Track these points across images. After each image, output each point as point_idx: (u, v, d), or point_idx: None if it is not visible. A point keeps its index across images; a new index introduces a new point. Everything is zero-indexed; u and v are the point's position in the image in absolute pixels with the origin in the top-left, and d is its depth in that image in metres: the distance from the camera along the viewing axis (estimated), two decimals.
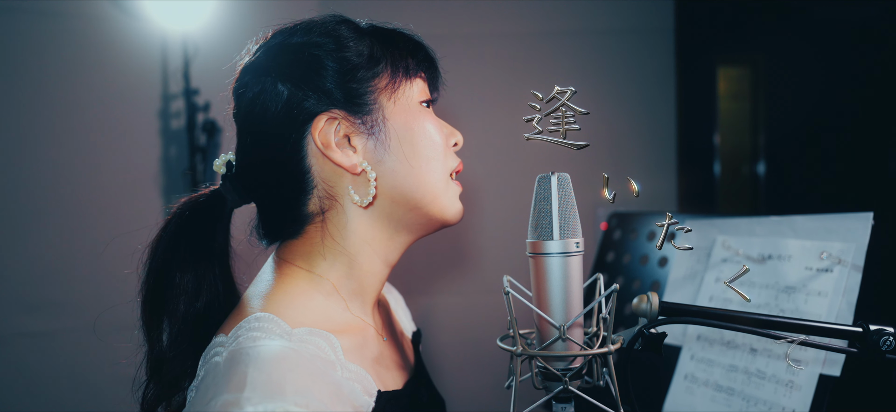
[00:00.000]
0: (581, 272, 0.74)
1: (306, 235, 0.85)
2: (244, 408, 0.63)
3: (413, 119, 0.84)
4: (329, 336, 0.78)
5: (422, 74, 0.88)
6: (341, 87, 0.81)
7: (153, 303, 0.82)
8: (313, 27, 0.84)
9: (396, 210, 0.85)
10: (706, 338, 1.13)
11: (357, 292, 0.87)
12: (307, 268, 0.85)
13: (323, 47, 0.82)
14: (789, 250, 1.08)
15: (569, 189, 0.74)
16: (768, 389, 1.01)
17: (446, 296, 2.45)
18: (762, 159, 3.47)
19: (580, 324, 0.75)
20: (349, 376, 0.77)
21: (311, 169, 0.83)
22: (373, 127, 0.82)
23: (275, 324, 0.75)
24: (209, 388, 0.69)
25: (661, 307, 0.75)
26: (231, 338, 0.74)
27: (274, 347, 0.71)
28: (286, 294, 0.81)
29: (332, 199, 0.84)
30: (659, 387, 1.14)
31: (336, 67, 0.81)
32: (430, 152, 0.84)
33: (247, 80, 0.84)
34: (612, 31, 2.46)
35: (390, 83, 0.84)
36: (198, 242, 0.84)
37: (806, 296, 1.03)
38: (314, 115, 0.80)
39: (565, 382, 0.72)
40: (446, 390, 1.16)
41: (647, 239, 1.32)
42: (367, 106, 0.82)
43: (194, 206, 0.86)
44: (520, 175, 2.38)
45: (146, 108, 2.31)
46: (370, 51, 0.83)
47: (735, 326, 0.75)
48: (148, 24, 2.23)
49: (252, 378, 0.66)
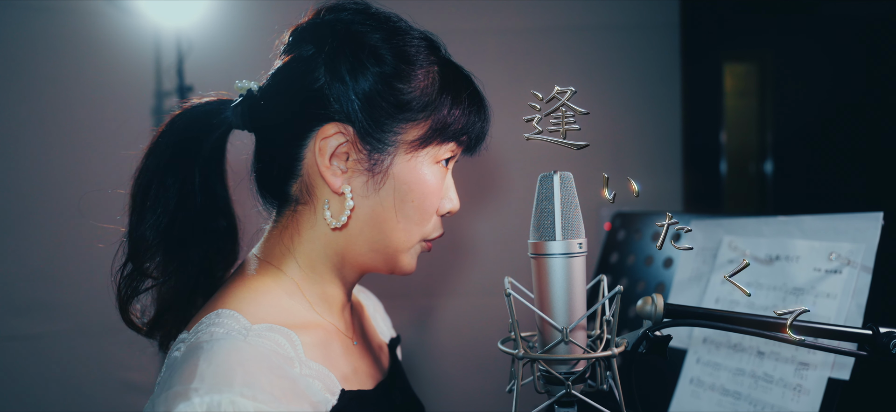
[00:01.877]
0: (584, 273, 0.74)
1: (280, 224, 0.88)
2: (191, 398, 0.66)
3: (416, 180, 0.83)
4: (289, 332, 0.79)
5: (462, 139, 0.86)
6: (370, 114, 0.80)
7: (137, 190, 0.87)
8: (393, 38, 0.82)
9: (360, 244, 0.86)
10: (712, 341, 1.13)
11: (321, 297, 0.89)
12: (277, 265, 0.87)
13: (382, 64, 0.80)
14: (797, 251, 1.08)
15: (571, 188, 0.74)
16: (776, 393, 1.01)
17: (446, 297, 2.45)
18: (769, 158, 3.46)
19: (583, 326, 0.75)
20: (308, 373, 0.78)
21: (303, 158, 0.84)
22: (375, 165, 0.82)
23: (234, 319, 0.77)
24: (165, 381, 0.72)
25: (665, 309, 0.75)
26: (192, 333, 0.77)
27: (227, 341, 0.73)
28: (251, 291, 0.83)
29: (309, 196, 0.85)
30: (664, 391, 1.14)
31: (380, 92, 0.80)
32: (416, 216, 0.85)
33: (307, 37, 0.84)
34: (616, 26, 2.46)
35: (417, 141, 0.82)
36: (185, 145, 0.87)
37: (814, 297, 1.02)
38: (330, 120, 0.80)
39: (568, 386, 0.72)
40: (445, 394, 1.16)
41: (651, 239, 1.32)
42: (383, 144, 0.81)
43: (192, 111, 0.89)
44: (521, 174, 2.38)
45: (139, 106, 2.30)
46: (426, 91, 0.81)
47: (742, 329, 0.75)
48: (141, 20, 2.23)
49: (202, 369, 0.69)
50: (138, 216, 0.86)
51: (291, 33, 0.87)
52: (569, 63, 2.44)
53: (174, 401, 0.67)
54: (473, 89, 0.87)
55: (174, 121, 0.88)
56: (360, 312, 1.07)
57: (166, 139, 0.87)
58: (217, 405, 0.66)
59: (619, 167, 2.37)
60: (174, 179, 0.86)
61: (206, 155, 0.88)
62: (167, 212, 0.86)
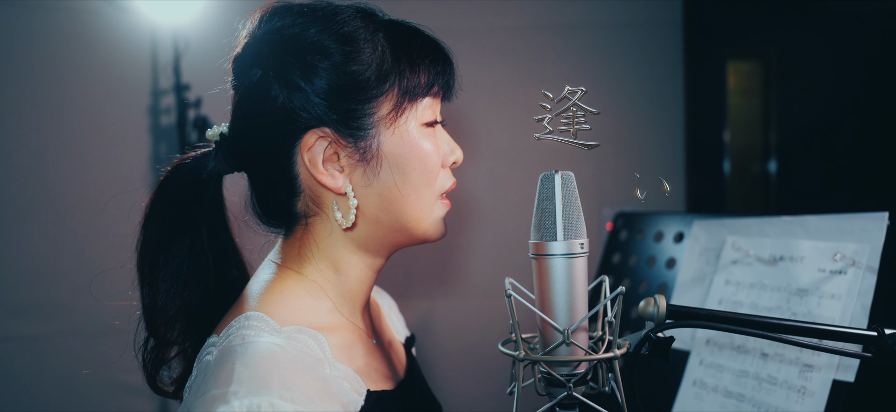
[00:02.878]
0: (586, 274, 0.74)
1: (295, 237, 0.88)
2: (230, 402, 0.66)
3: (410, 147, 0.83)
4: (317, 334, 0.80)
5: (433, 90, 0.85)
6: (338, 108, 0.80)
7: (144, 263, 0.87)
8: (329, 25, 0.81)
9: (379, 230, 0.86)
10: (715, 343, 1.13)
11: (345, 295, 0.89)
12: (297, 269, 0.87)
13: (330, 56, 0.80)
14: (801, 251, 1.08)
15: (573, 188, 0.74)
16: (780, 395, 1.01)
17: (446, 299, 2.45)
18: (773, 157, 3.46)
19: (585, 327, 0.75)
20: (338, 374, 0.79)
21: (299, 175, 0.84)
22: (365, 152, 0.82)
23: (264, 322, 0.78)
24: (200, 386, 0.73)
25: (668, 310, 0.75)
26: (223, 337, 0.78)
27: (261, 344, 0.73)
28: (276, 294, 0.83)
29: (317, 207, 0.86)
30: (667, 393, 1.14)
31: (337, 84, 0.79)
32: (422, 180, 0.85)
33: (248, 63, 0.83)
34: (618, 24, 2.46)
35: (393, 111, 0.82)
36: (184, 205, 0.87)
37: (819, 298, 1.02)
38: (306, 130, 0.80)
39: (569, 388, 0.72)
40: (446, 396, 1.16)
41: (654, 240, 1.32)
42: (363, 130, 0.81)
43: (181, 169, 0.89)
44: (522, 173, 2.38)
45: (135, 105, 2.30)
46: (380, 62, 0.81)
47: (745, 330, 0.75)
48: (137, 18, 2.23)
49: (239, 373, 0.69)
50: (150, 288, 0.87)
51: (233, 66, 0.86)
52: (570, 61, 2.44)
53: (213, 404, 0.67)
54: (424, 38, 0.86)
55: (164, 185, 0.88)
56: (377, 312, 1.08)
57: (163, 205, 0.88)
58: (257, 407, 0.66)
59: (621, 166, 2.37)
60: (180, 245, 0.87)
61: (208, 209, 0.89)
62: (180, 277, 0.87)
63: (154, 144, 2.32)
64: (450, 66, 0.87)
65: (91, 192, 2.19)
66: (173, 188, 0.88)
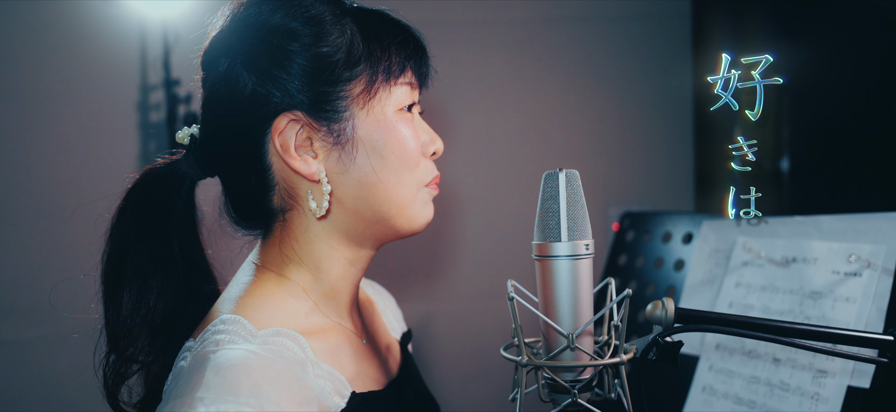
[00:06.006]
0: (591, 276, 0.74)
1: (273, 236, 0.88)
2: (197, 408, 0.67)
3: (386, 130, 0.84)
4: (297, 336, 0.81)
5: (407, 75, 0.86)
6: (309, 89, 0.81)
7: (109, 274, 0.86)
8: (295, 10, 0.82)
9: (359, 222, 0.86)
10: (726, 348, 1.13)
11: (328, 295, 0.89)
12: (277, 271, 0.87)
13: (298, 38, 0.81)
14: (815, 253, 1.08)
15: (578, 186, 0.74)
16: (793, 402, 1.01)
17: (446, 302, 2.45)
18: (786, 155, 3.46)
19: (590, 332, 0.75)
20: (319, 374, 0.79)
21: (272, 166, 0.84)
22: (340, 136, 0.82)
23: (240, 326, 0.78)
24: (172, 391, 0.74)
25: (677, 314, 0.75)
26: (198, 342, 0.79)
27: (235, 350, 0.74)
28: (255, 297, 0.84)
29: (293, 200, 0.86)
30: (675, 399, 1.14)
31: (307, 66, 0.80)
32: (401, 165, 0.85)
33: (215, 55, 0.84)
34: (625, 16, 2.46)
35: (365, 91, 0.83)
36: (154, 214, 0.87)
37: (833, 302, 1.02)
38: (277, 114, 0.81)
39: (574, 395, 0.72)
40: (446, 402, 1.16)
41: (662, 241, 1.32)
42: (336, 113, 0.82)
43: (150, 176, 0.88)
44: (525, 172, 2.38)
45: (123, 100, 2.30)
46: (349, 45, 0.82)
47: (757, 335, 0.75)
48: (125, 11, 2.23)
49: (208, 379, 0.70)
50: (114, 302, 0.86)
51: (201, 63, 0.87)
52: (574, 55, 2.43)
53: (181, 409, 0.68)
54: (393, 21, 0.87)
55: (133, 192, 0.88)
56: (370, 310, 1.08)
57: (130, 213, 0.87)
58: None
59: (628, 164, 2.36)
60: (148, 254, 0.86)
61: (179, 219, 0.89)
62: (146, 290, 0.86)
63: (143, 142, 2.32)
64: (421, 49, 0.88)
65: (76, 192, 2.18)
66: (142, 195, 0.88)
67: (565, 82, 2.25)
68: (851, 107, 2.79)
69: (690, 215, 1.31)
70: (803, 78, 3.13)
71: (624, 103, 2.42)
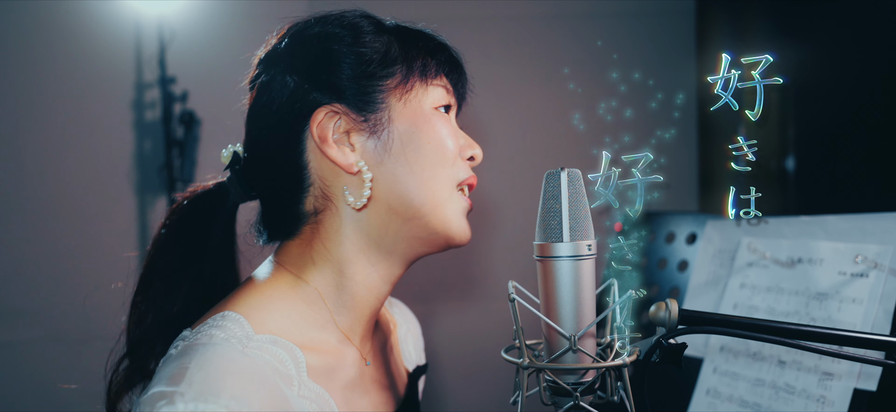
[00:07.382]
0: (593, 277, 0.74)
1: (301, 237, 0.88)
2: (175, 403, 0.68)
3: (422, 122, 0.86)
4: (294, 349, 0.81)
5: (442, 79, 0.90)
6: (349, 83, 0.84)
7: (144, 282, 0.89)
8: (332, 18, 0.87)
9: (394, 220, 0.86)
10: (730, 350, 1.13)
11: (348, 305, 0.88)
12: (296, 272, 0.87)
13: (338, 39, 0.85)
14: (821, 253, 1.08)
15: (580, 186, 0.74)
16: (798, 405, 1.01)
17: (446, 303, 2.45)
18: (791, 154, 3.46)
19: (592, 334, 0.75)
20: (306, 395, 0.79)
21: (308, 164, 0.86)
22: (376, 126, 0.85)
23: (238, 324, 0.78)
24: (158, 376, 0.74)
25: (680, 315, 0.75)
26: (194, 332, 0.79)
27: (224, 349, 0.74)
28: (263, 296, 0.84)
29: (327, 200, 0.86)
30: (679, 402, 1.14)
31: (346, 63, 0.84)
32: (437, 158, 0.86)
33: (259, 71, 0.89)
34: (628, 14, 2.46)
35: (402, 84, 0.86)
36: (195, 234, 0.90)
37: (839, 303, 1.02)
38: (316, 108, 0.84)
39: (576, 398, 0.72)
40: (445, 405, 1.16)
41: (665, 241, 1.32)
42: (374, 104, 0.84)
43: (195, 198, 0.92)
44: (527, 171, 2.37)
45: (118, 98, 2.30)
46: (387, 48, 0.86)
47: (762, 337, 0.75)
48: (120, 7, 2.23)
49: (191, 374, 0.70)
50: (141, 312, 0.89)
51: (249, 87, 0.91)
52: (577, 52, 2.44)
53: (159, 400, 0.68)
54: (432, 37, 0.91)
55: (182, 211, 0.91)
56: (387, 332, 1.07)
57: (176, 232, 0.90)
58: None
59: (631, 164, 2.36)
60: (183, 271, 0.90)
61: (218, 239, 0.92)
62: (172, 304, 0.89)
63: (138, 140, 2.32)
64: (455, 61, 0.92)
65: (71, 191, 2.19)
66: (189, 215, 0.91)
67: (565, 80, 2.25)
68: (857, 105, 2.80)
69: (694, 215, 1.31)
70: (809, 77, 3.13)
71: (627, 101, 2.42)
